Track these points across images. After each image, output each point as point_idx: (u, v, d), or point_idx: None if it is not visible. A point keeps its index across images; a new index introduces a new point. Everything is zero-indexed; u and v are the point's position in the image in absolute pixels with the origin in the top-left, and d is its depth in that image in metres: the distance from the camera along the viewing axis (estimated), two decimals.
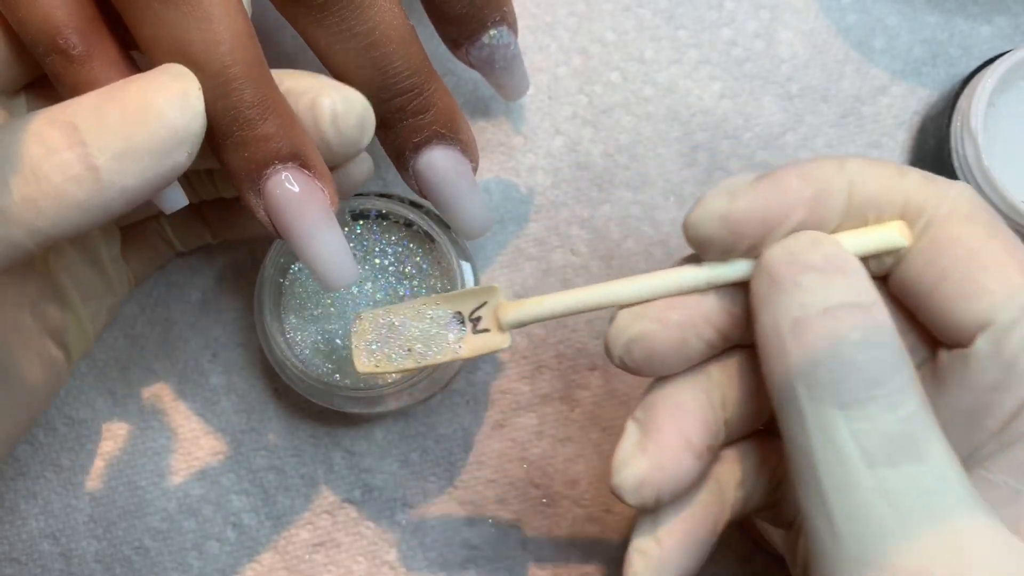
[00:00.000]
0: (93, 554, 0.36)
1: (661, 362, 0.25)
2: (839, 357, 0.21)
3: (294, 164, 0.26)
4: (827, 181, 0.23)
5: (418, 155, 0.30)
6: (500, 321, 0.27)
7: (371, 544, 0.36)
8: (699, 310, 0.24)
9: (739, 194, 0.23)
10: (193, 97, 0.24)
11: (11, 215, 0.23)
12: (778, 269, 0.23)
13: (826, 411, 0.21)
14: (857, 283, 0.22)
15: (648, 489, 0.24)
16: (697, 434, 0.24)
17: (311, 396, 0.34)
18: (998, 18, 0.39)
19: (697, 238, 0.24)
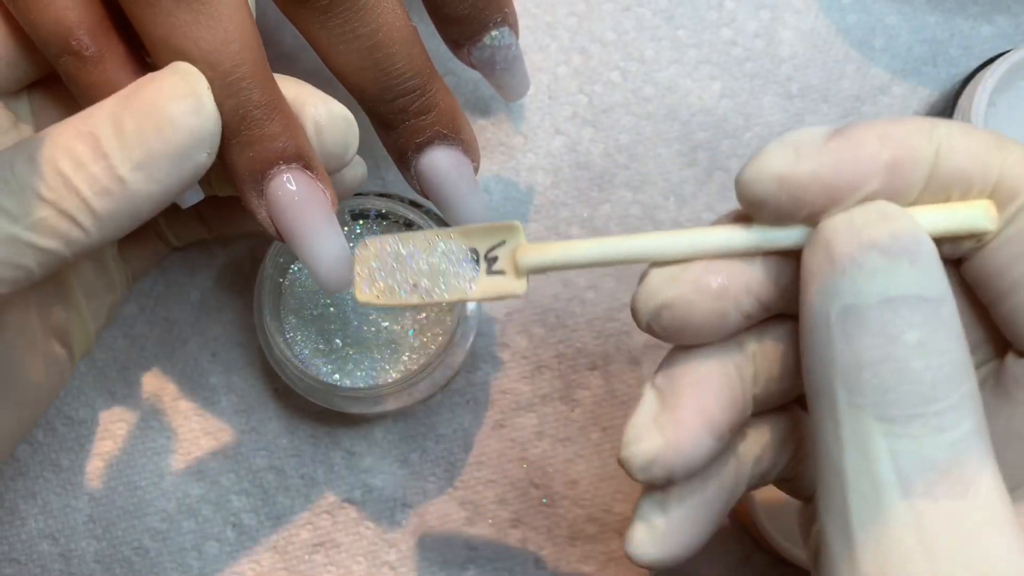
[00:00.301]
0: (92, 554, 0.36)
1: (694, 332, 0.22)
2: (891, 361, 0.19)
3: (297, 165, 0.26)
4: (911, 146, 0.20)
5: (420, 155, 0.30)
6: (518, 264, 0.24)
7: (371, 544, 0.36)
8: (742, 278, 0.22)
9: (805, 152, 0.20)
10: (205, 98, 0.25)
11: (49, 227, 0.24)
12: (837, 243, 0.20)
13: (866, 423, 0.19)
14: (927, 271, 0.19)
15: (659, 469, 0.22)
16: (720, 414, 0.22)
17: (310, 396, 0.34)
18: (998, 17, 0.38)
19: (749, 198, 0.21)
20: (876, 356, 0.19)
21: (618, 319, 0.37)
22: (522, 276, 0.24)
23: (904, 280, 0.19)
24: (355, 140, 0.28)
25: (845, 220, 0.20)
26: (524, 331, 0.37)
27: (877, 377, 0.19)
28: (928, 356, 0.18)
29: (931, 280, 0.19)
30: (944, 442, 0.18)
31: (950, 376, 0.18)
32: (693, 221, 0.37)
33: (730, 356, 0.23)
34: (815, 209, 0.20)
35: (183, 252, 0.37)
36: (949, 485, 0.18)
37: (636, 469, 0.22)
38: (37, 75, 0.28)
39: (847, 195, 0.20)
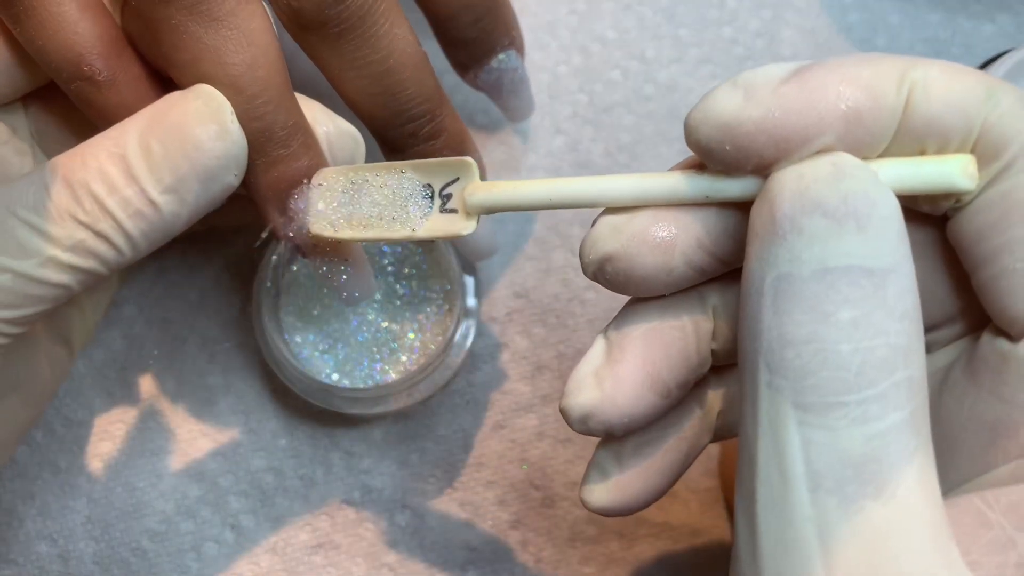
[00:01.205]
0: (91, 555, 0.36)
1: (638, 285, 0.21)
2: (816, 341, 0.17)
3: None
4: (876, 92, 0.18)
5: None
6: (467, 202, 0.23)
7: (370, 545, 0.36)
8: (691, 230, 0.20)
9: (756, 96, 0.18)
10: (229, 122, 0.25)
11: (86, 249, 0.25)
12: (780, 202, 0.18)
13: (782, 407, 0.17)
14: (877, 239, 0.17)
15: (595, 423, 0.21)
16: (669, 370, 0.21)
17: (309, 397, 0.34)
18: (1000, 16, 0.38)
19: (695, 144, 0.19)
20: (802, 334, 0.17)
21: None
22: (472, 216, 0.23)
23: (847, 248, 0.17)
24: (362, 158, 0.29)
25: (793, 175, 0.18)
26: (524, 331, 0.37)
27: (799, 358, 0.17)
28: (859, 338, 0.16)
29: (880, 249, 0.17)
30: (862, 435, 0.16)
31: (883, 361, 0.17)
32: None
33: (687, 310, 0.21)
34: (764, 161, 0.18)
35: (182, 253, 0.37)
36: (861, 483, 0.16)
37: (573, 421, 0.21)
38: (33, 86, 0.28)
39: (798, 147, 0.18)
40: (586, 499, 0.23)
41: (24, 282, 0.24)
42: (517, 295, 0.37)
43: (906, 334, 0.17)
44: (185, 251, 0.37)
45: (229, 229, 0.37)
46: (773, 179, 0.18)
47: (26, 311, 0.25)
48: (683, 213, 0.20)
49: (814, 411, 0.17)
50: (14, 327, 0.25)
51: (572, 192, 0.21)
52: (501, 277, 0.37)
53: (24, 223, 0.24)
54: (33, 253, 0.24)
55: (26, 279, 0.24)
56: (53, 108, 0.29)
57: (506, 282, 0.37)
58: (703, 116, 0.19)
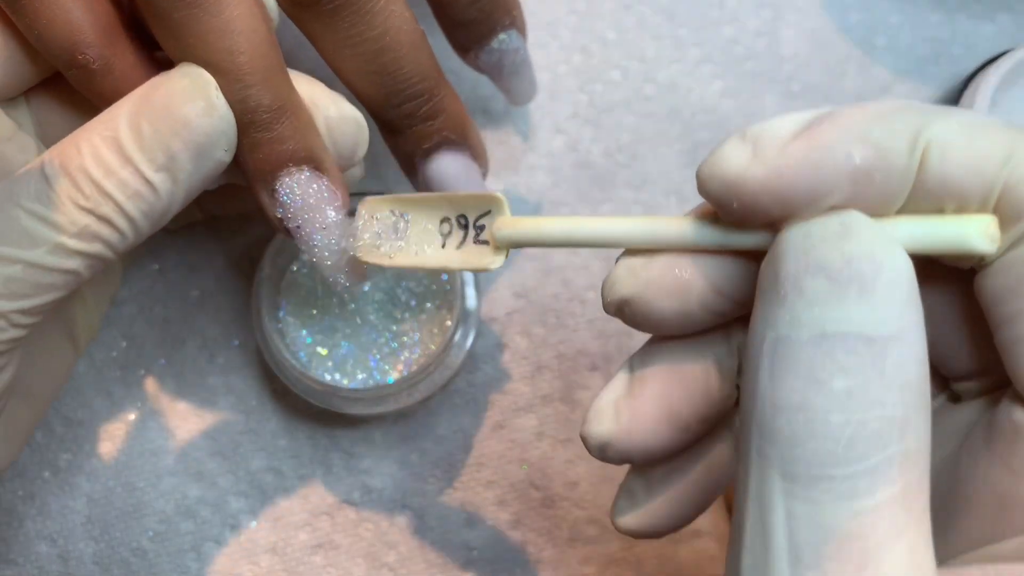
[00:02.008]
0: (91, 556, 0.36)
1: (657, 327, 0.21)
2: (807, 410, 0.16)
3: (309, 167, 0.27)
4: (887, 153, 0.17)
5: (427, 161, 0.30)
6: (495, 236, 0.24)
7: (370, 546, 0.36)
8: (708, 276, 0.20)
9: (763, 152, 0.18)
10: (215, 98, 0.25)
11: (91, 233, 0.25)
12: (784, 261, 0.17)
13: (770, 476, 0.16)
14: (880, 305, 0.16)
15: (613, 453, 0.21)
16: (689, 406, 0.21)
17: (309, 397, 0.34)
18: (1001, 16, 0.38)
19: (706, 197, 0.19)
20: (794, 401, 0.16)
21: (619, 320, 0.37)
22: (500, 249, 0.24)
23: (847, 314, 0.16)
24: (365, 142, 0.29)
25: (801, 234, 0.17)
26: (524, 331, 0.37)
27: (789, 426, 0.16)
28: (852, 409, 0.16)
29: (882, 316, 0.16)
30: (848, 511, 0.16)
31: (875, 435, 0.16)
32: None
33: (711, 347, 0.21)
34: (771, 218, 0.18)
35: (182, 253, 0.37)
36: (842, 561, 0.15)
37: (591, 448, 0.22)
38: (35, 80, 0.28)
39: (804, 207, 0.18)
40: (616, 522, 0.23)
41: (35, 271, 0.25)
42: (517, 295, 0.37)
43: (903, 405, 0.16)
44: (185, 251, 0.37)
45: (229, 217, 0.37)
46: (780, 236, 0.18)
47: (39, 300, 0.25)
48: (700, 259, 0.20)
49: (800, 482, 0.16)
50: (29, 317, 0.25)
51: (592, 232, 0.22)
52: (501, 277, 0.37)
53: (30, 213, 0.25)
54: (41, 242, 0.25)
55: (37, 268, 0.25)
56: (56, 103, 0.29)
57: (506, 282, 0.37)
58: (710, 171, 0.18)
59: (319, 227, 0.27)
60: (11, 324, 0.25)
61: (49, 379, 0.31)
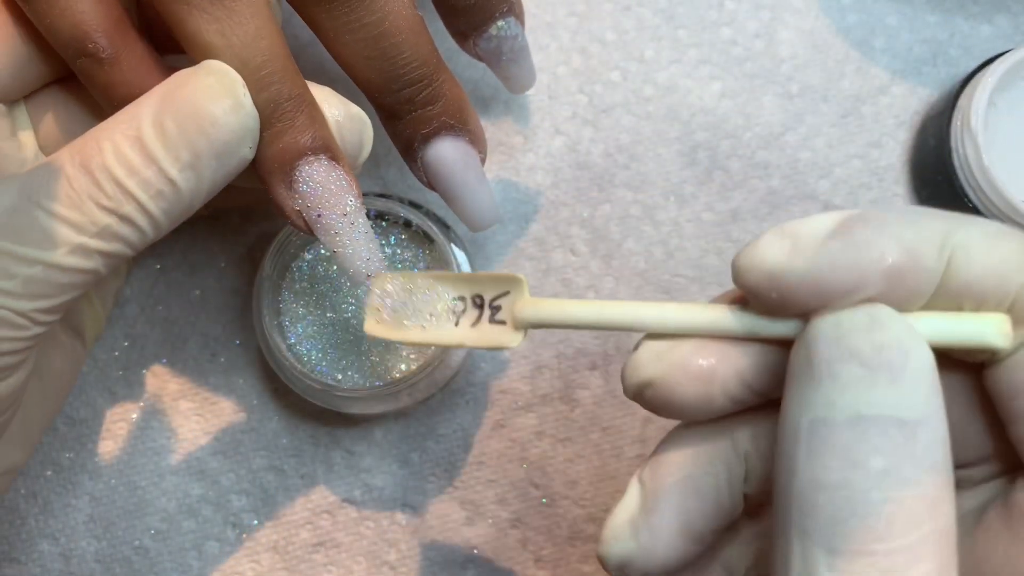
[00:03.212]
0: (93, 554, 0.36)
1: (678, 411, 0.21)
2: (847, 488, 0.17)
3: (325, 156, 0.27)
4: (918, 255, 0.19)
5: (427, 146, 0.30)
6: (516, 317, 0.24)
7: (371, 544, 0.36)
8: (732, 363, 0.21)
9: (802, 248, 0.19)
10: (242, 96, 0.25)
11: (112, 233, 0.25)
12: (818, 348, 0.18)
13: (812, 551, 0.17)
14: (910, 390, 0.17)
15: (633, 571, 0.22)
16: (703, 518, 0.22)
17: (309, 396, 0.34)
18: (998, 17, 0.38)
19: (743, 287, 0.20)
20: (834, 480, 0.17)
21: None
22: (520, 329, 0.24)
23: (879, 398, 0.17)
24: (370, 141, 0.29)
25: (832, 323, 0.18)
26: None
27: (832, 504, 0.17)
28: (888, 487, 0.17)
29: (911, 401, 0.17)
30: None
31: (912, 513, 0.17)
32: (693, 221, 0.37)
33: (720, 456, 0.22)
34: (807, 308, 0.19)
35: (184, 253, 0.37)
36: None
37: (611, 568, 0.22)
38: (39, 83, 0.28)
39: (840, 299, 0.19)
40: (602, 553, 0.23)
41: (55, 272, 0.24)
42: None
43: (935, 486, 0.17)
44: (186, 251, 0.37)
45: (231, 216, 0.37)
46: (812, 324, 0.19)
47: (58, 299, 0.25)
48: (725, 346, 0.21)
49: (843, 558, 0.17)
50: (48, 316, 0.25)
51: (617, 316, 0.22)
52: None
53: (49, 213, 0.24)
54: (62, 243, 0.24)
55: (57, 269, 0.24)
56: (54, 102, 0.29)
57: None
58: (750, 263, 0.19)
59: (340, 214, 0.27)
60: (33, 323, 0.25)
61: (61, 375, 0.31)
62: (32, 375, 0.28)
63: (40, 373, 0.30)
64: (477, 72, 0.38)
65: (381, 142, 0.32)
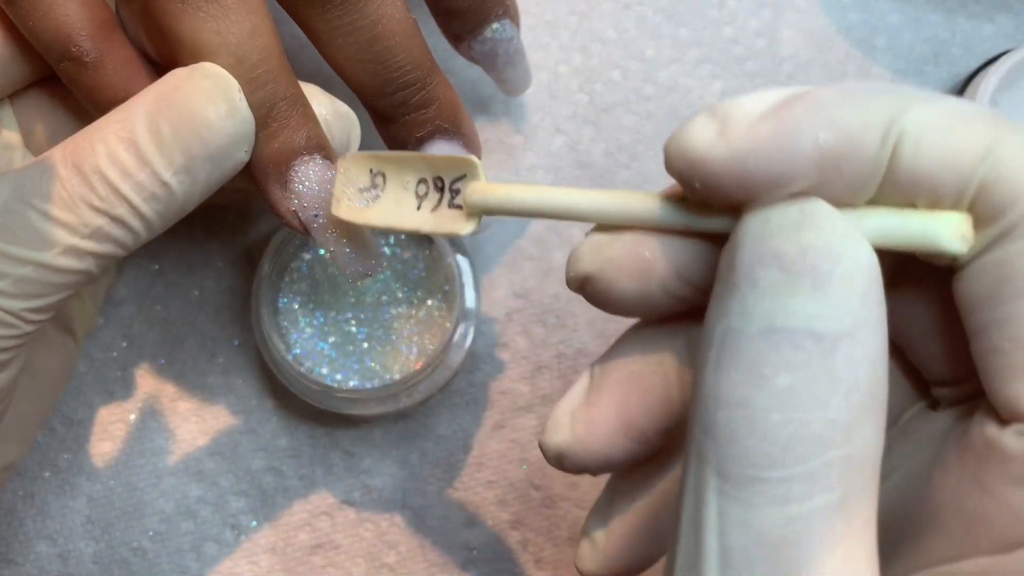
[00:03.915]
0: (91, 555, 0.36)
1: (619, 306, 0.20)
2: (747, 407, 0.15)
3: (321, 155, 0.27)
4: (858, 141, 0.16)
5: (420, 150, 0.30)
6: (467, 200, 0.23)
7: (370, 546, 0.36)
8: (671, 258, 0.19)
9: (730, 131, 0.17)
10: (237, 100, 0.25)
11: (104, 234, 0.25)
12: (741, 248, 0.16)
13: (705, 473, 0.16)
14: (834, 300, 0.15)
15: (569, 463, 0.21)
16: (646, 416, 0.20)
17: (308, 397, 0.34)
18: (1000, 17, 0.38)
19: (671, 173, 0.18)
20: (736, 396, 0.15)
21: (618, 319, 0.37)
22: (473, 215, 0.23)
23: (797, 308, 0.15)
24: (357, 139, 0.29)
25: (760, 220, 0.16)
26: (524, 331, 0.37)
27: (729, 423, 0.15)
28: (792, 408, 0.15)
29: (834, 312, 0.15)
30: (781, 516, 0.15)
31: (815, 438, 0.15)
32: None
33: (672, 353, 0.20)
34: (735, 200, 0.17)
35: (181, 252, 0.37)
36: (772, 566, 0.15)
37: (549, 459, 0.21)
38: (24, 83, 0.28)
39: (766, 192, 0.16)
40: (578, 567, 0.22)
41: (46, 272, 0.24)
42: (517, 295, 0.37)
43: (850, 408, 0.15)
44: (185, 251, 0.37)
45: (228, 215, 0.37)
46: (741, 222, 0.17)
47: (49, 300, 0.25)
48: (665, 241, 0.19)
49: (734, 482, 0.15)
50: (41, 315, 0.25)
51: (559, 202, 0.21)
52: (501, 277, 0.37)
53: (41, 214, 0.24)
54: (53, 243, 0.24)
55: (48, 269, 0.24)
56: (40, 102, 0.29)
57: (506, 282, 0.37)
58: (675, 148, 0.17)
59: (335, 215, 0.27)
60: (24, 322, 0.25)
61: (53, 372, 0.31)
62: (23, 372, 0.28)
63: (31, 369, 0.30)
64: (476, 72, 0.38)
65: (375, 139, 0.32)
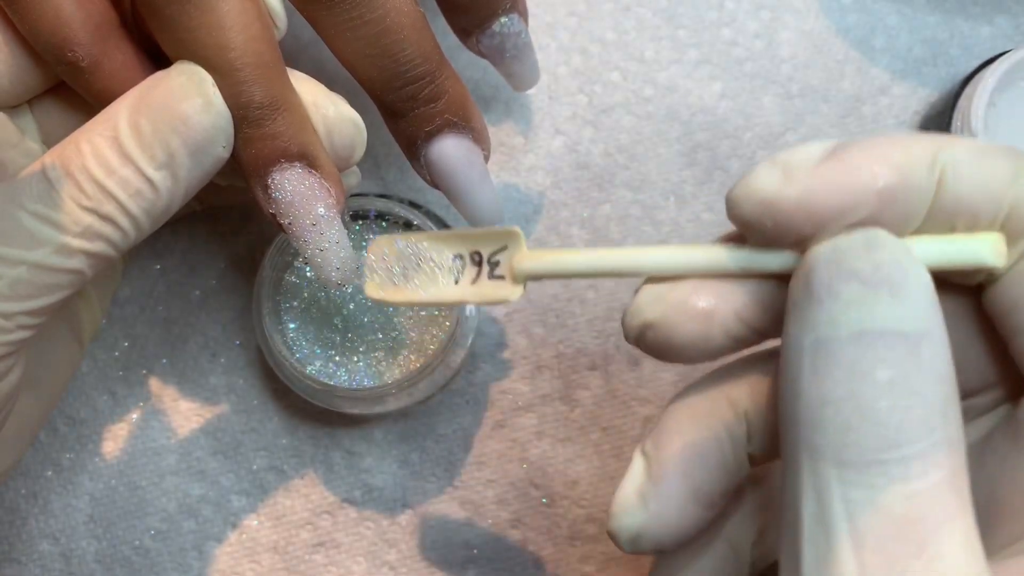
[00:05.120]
0: (93, 554, 0.36)
1: (677, 353, 0.21)
2: (854, 398, 0.17)
3: (302, 163, 0.27)
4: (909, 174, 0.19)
5: (430, 144, 0.30)
6: (515, 270, 0.24)
7: (371, 544, 0.36)
8: (730, 301, 0.21)
9: (794, 175, 0.19)
10: (212, 95, 0.25)
11: (94, 232, 0.25)
12: (817, 271, 0.18)
13: (823, 466, 0.17)
14: (910, 305, 0.18)
15: (647, 543, 0.22)
16: (709, 481, 0.21)
17: (310, 397, 0.34)
18: (998, 18, 0.38)
19: (736, 219, 0.20)
20: (840, 393, 0.17)
21: (618, 319, 0.37)
22: (519, 283, 0.24)
23: (881, 313, 0.17)
24: (362, 144, 0.29)
25: (829, 247, 0.19)
26: (524, 331, 0.37)
27: (839, 415, 0.17)
28: (897, 396, 0.17)
29: (913, 315, 0.17)
30: (903, 493, 0.16)
31: (921, 420, 0.17)
32: (693, 221, 0.37)
33: (719, 416, 0.22)
34: (802, 235, 0.19)
35: (183, 253, 0.37)
36: (904, 542, 0.16)
37: (624, 543, 0.22)
38: (41, 88, 0.28)
39: (833, 223, 0.19)
40: None
41: (39, 272, 0.25)
42: None
43: (942, 395, 0.17)
44: (186, 251, 0.37)
45: (229, 215, 0.37)
46: (810, 251, 0.19)
47: (44, 301, 0.25)
48: (723, 284, 0.21)
49: (854, 468, 0.17)
50: (35, 318, 0.25)
51: (616, 262, 0.22)
52: None
53: (32, 215, 0.25)
54: (45, 243, 0.25)
55: (41, 269, 0.25)
56: (60, 108, 0.29)
57: None
58: (744, 193, 0.19)
59: (310, 223, 0.27)
60: (18, 326, 0.25)
61: (56, 375, 0.31)
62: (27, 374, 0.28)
63: (36, 372, 0.30)
64: (478, 72, 0.38)
65: (381, 142, 0.32)
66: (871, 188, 0.19)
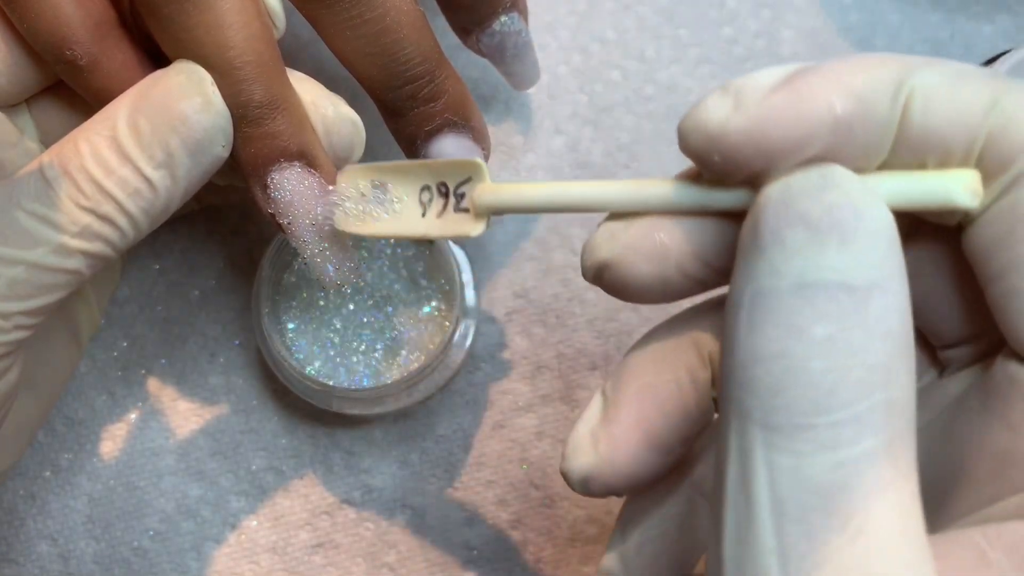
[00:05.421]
0: (91, 555, 0.36)
1: (636, 293, 0.20)
2: (786, 357, 0.16)
3: (301, 163, 0.27)
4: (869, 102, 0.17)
5: (429, 143, 0.30)
6: (476, 202, 0.23)
7: (370, 545, 0.36)
8: (687, 240, 0.19)
9: (745, 104, 0.17)
10: (211, 94, 0.25)
11: (92, 232, 0.25)
12: (764, 214, 0.17)
13: (750, 429, 0.16)
14: (862, 253, 0.16)
15: (596, 485, 0.21)
16: (665, 426, 0.20)
17: (308, 397, 0.34)
18: (1000, 17, 0.38)
19: (687, 152, 0.18)
20: (773, 350, 0.16)
21: (618, 319, 0.37)
22: (482, 217, 0.23)
23: (828, 262, 0.16)
24: (361, 144, 0.29)
25: (781, 187, 0.17)
26: (524, 331, 0.37)
27: (769, 375, 0.16)
28: (833, 356, 0.15)
29: (863, 264, 0.16)
30: (831, 461, 0.15)
31: (858, 382, 0.15)
32: None
33: (682, 358, 0.21)
34: (754, 171, 0.18)
35: (183, 253, 0.37)
36: (827, 514, 0.15)
37: (573, 484, 0.21)
38: (39, 87, 0.28)
39: (785, 159, 0.17)
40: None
41: (37, 272, 0.25)
42: (517, 295, 0.37)
43: (887, 354, 0.16)
44: (186, 251, 0.37)
45: (229, 214, 0.37)
46: (762, 190, 0.17)
47: (42, 301, 0.25)
48: (680, 223, 0.20)
49: (781, 433, 0.15)
50: (32, 318, 0.25)
51: (572, 196, 0.21)
52: (501, 277, 0.37)
53: (30, 214, 0.25)
54: (43, 242, 0.25)
55: (39, 268, 0.25)
56: (58, 108, 0.29)
57: (506, 282, 0.37)
58: (692, 124, 0.18)
59: (309, 223, 0.27)
60: (15, 326, 0.25)
61: (54, 375, 0.31)
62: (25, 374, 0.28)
63: (33, 372, 0.30)
64: (477, 71, 0.38)
65: (381, 142, 0.32)
66: (826, 118, 0.17)
